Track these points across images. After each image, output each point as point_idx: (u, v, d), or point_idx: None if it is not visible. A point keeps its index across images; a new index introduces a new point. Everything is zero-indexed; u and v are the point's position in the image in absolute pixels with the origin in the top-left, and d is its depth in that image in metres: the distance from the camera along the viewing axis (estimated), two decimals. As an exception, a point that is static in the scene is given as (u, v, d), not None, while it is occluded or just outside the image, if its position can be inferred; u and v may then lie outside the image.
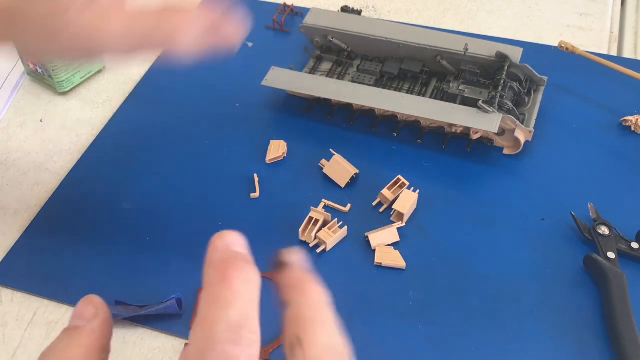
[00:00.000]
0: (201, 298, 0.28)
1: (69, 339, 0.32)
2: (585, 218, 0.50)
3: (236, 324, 0.26)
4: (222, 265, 0.28)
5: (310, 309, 0.29)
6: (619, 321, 0.43)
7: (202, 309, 0.27)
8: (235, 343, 0.25)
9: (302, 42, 0.66)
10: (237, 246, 0.29)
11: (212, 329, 0.26)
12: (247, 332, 0.26)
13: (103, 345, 0.32)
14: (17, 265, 0.48)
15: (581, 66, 0.63)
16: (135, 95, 0.62)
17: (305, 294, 0.30)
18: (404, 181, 0.52)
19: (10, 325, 0.45)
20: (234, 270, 0.28)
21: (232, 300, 0.27)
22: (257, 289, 0.28)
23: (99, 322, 0.33)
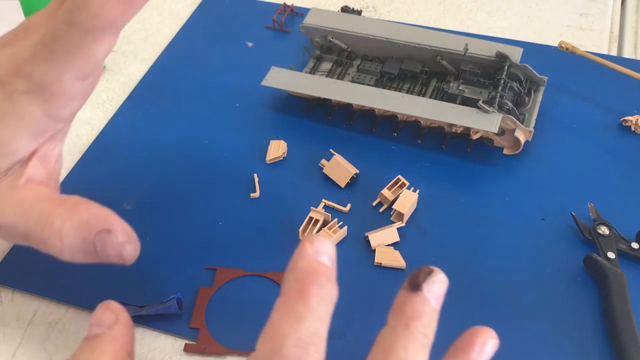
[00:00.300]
0: (276, 304, 0.28)
1: (91, 349, 0.31)
2: (585, 218, 0.50)
3: (305, 340, 0.26)
4: (305, 276, 0.28)
5: (406, 347, 0.28)
6: (619, 321, 0.43)
7: (274, 316, 0.27)
8: (300, 359, 0.26)
9: (302, 42, 0.66)
10: (324, 256, 0.29)
11: (281, 341, 0.26)
12: (314, 351, 0.26)
13: (127, 351, 0.32)
14: (17, 265, 0.48)
15: (581, 66, 0.63)
16: (135, 95, 0.62)
17: (407, 329, 0.29)
18: (404, 181, 0.52)
19: (10, 325, 0.45)
20: (313, 286, 0.27)
21: (305, 316, 0.27)
22: (332, 308, 0.28)
23: (120, 328, 0.32)
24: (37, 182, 0.36)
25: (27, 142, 0.34)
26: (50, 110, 0.34)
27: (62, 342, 0.44)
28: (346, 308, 0.46)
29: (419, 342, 0.29)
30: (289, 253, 0.49)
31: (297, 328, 0.26)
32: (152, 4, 0.73)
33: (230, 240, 0.49)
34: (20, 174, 0.35)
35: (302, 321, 0.27)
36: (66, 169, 0.56)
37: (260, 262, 0.48)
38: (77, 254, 0.35)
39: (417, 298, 0.29)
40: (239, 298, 0.46)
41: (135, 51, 0.67)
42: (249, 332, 0.44)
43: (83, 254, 0.34)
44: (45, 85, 0.33)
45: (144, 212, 0.52)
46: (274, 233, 0.50)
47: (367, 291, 0.47)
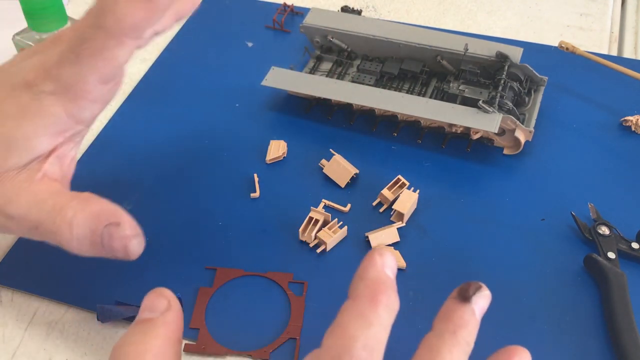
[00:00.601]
0: (345, 308, 0.30)
1: (144, 331, 0.33)
2: (585, 218, 0.50)
3: (371, 345, 0.28)
4: (375, 286, 0.30)
5: (452, 352, 0.30)
6: (619, 321, 0.43)
7: (343, 317, 0.29)
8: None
9: (302, 42, 0.66)
10: (390, 269, 0.31)
11: (350, 342, 0.28)
12: (377, 355, 0.29)
13: (178, 337, 0.33)
14: (17, 265, 0.48)
15: (581, 66, 0.63)
16: (135, 95, 0.62)
17: (455, 335, 0.31)
18: (404, 181, 0.52)
19: (10, 325, 0.45)
20: (382, 295, 0.30)
21: (374, 323, 0.29)
22: (394, 319, 0.31)
23: (172, 314, 0.34)
24: (52, 179, 0.38)
25: (47, 140, 0.37)
26: (73, 111, 0.36)
27: (62, 342, 0.44)
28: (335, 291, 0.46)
29: (462, 348, 0.31)
30: (289, 253, 0.49)
31: (366, 332, 0.28)
32: (152, 4, 0.73)
33: (230, 240, 0.49)
34: (37, 169, 0.37)
35: (371, 326, 0.29)
36: (66, 169, 0.56)
37: (260, 262, 0.48)
38: (85, 245, 0.36)
39: (466, 309, 0.32)
40: (239, 298, 0.46)
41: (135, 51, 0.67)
42: (249, 332, 0.44)
43: (90, 245, 0.36)
44: (70, 87, 0.35)
45: (144, 212, 0.52)
46: (274, 233, 0.50)
47: (367, 291, 0.47)
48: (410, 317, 0.45)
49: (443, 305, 0.33)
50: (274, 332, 0.43)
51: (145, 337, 0.32)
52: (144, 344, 0.32)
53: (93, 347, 0.44)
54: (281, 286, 0.46)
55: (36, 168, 0.37)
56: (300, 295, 0.45)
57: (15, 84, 0.36)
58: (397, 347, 0.44)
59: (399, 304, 0.31)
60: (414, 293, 0.46)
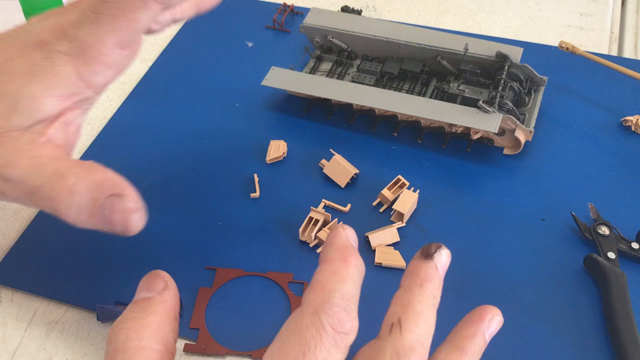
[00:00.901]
0: (320, 270, 0.32)
1: (141, 309, 0.34)
2: (585, 218, 0.50)
3: (348, 296, 0.31)
4: (344, 250, 0.33)
5: (421, 303, 0.33)
6: (619, 321, 0.43)
7: (320, 276, 0.32)
8: (346, 311, 0.30)
9: (302, 42, 0.66)
10: (353, 240, 0.35)
11: (330, 293, 0.30)
12: (353, 307, 0.31)
13: (175, 315, 0.34)
14: (17, 265, 0.48)
15: (581, 66, 0.63)
16: (135, 95, 0.62)
17: (422, 288, 0.33)
18: (404, 181, 0.52)
19: (10, 325, 0.45)
20: (352, 257, 0.33)
21: (347, 279, 0.32)
22: (362, 280, 0.33)
23: (170, 293, 0.35)
24: (55, 145, 0.37)
25: (55, 102, 0.35)
26: (85, 73, 0.35)
27: (62, 342, 0.44)
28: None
29: (430, 301, 0.33)
30: (289, 253, 0.49)
31: (342, 286, 0.31)
32: (152, 4, 0.73)
33: (230, 240, 0.49)
34: (41, 133, 0.36)
35: (345, 282, 0.31)
36: (66, 169, 0.55)
37: (260, 262, 0.48)
38: (83, 215, 0.35)
39: (429, 265, 0.34)
40: (239, 298, 0.46)
41: (135, 51, 0.67)
42: (249, 332, 0.44)
43: (89, 216, 0.35)
44: (86, 48, 0.34)
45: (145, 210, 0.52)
46: (274, 233, 0.50)
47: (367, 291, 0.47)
48: (410, 317, 0.45)
49: (408, 265, 0.35)
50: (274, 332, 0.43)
51: (143, 314, 0.33)
52: (142, 320, 0.33)
53: (93, 347, 0.44)
54: (281, 286, 0.46)
55: (40, 131, 0.36)
56: (300, 296, 0.45)
57: (28, 42, 0.35)
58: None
59: (364, 268, 0.34)
60: (414, 293, 0.46)
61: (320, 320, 0.30)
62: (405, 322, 0.32)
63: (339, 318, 0.30)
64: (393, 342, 0.32)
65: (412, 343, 0.31)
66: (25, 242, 0.50)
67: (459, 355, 0.34)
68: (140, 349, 0.32)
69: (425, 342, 0.32)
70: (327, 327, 0.30)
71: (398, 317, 0.33)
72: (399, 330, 0.32)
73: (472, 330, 0.35)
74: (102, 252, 0.49)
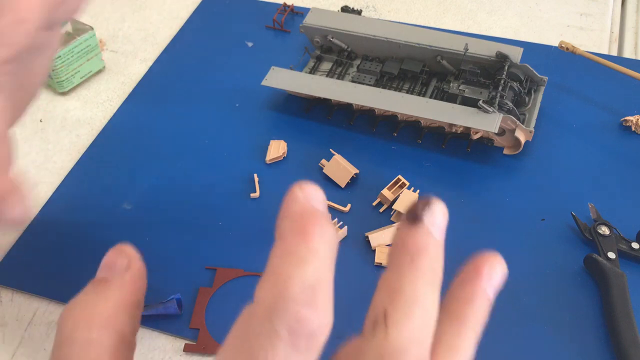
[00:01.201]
0: (272, 252, 0.25)
1: (96, 293, 0.30)
2: (585, 218, 0.50)
3: (312, 284, 0.23)
4: (302, 218, 0.25)
5: (414, 285, 0.25)
6: (619, 321, 0.43)
7: (273, 262, 0.24)
8: (310, 305, 0.23)
9: (302, 42, 0.66)
10: (317, 202, 0.25)
11: (285, 286, 0.23)
12: (323, 296, 0.23)
13: (135, 301, 0.30)
14: (17, 265, 0.48)
15: (581, 66, 0.62)
16: (135, 95, 0.62)
17: (413, 264, 0.25)
18: (404, 181, 0.52)
19: (10, 325, 0.45)
20: (313, 226, 0.24)
21: (309, 258, 0.23)
22: (335, 251, 0.25)
23: (131, 274, 0.30)
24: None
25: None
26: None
27: (62, 342, 0.44)
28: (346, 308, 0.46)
29: (428, 278, 0.25)
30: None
31: (301, 272, 0.23)
32: (151, 4, 0.73)
33: (230, 240, 0.49)
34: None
35: (307, 263, 0.23)
36: (66, 168, 0.56)
37: (260, 262, 0.48)
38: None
39: (419, 230, 0.25)
40: (239, 298, 0.46)
41: (135, 51, 0.67)
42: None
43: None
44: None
45: (144, 212, 0.52)
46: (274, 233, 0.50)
47: (367, 291, 0.47)
48: (410, 317, 0.45)
49: (394, 236, 0.26)
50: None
51: (96, 300, 0.29)
52: (93, 307, 0.29)
53: (93, 347, 0.44)
54: None
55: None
56: None
57: None
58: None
59: (337, 237, 0.26)
60: (414, 293, 0.46)
61: (273, 327, 0.22)
62: (393, 315, 0.24)
63: (298, 318, 0.22)
64: (376, 345, 0.24)
65: (403, 343, 0.23)
66: (25, 242, 0.50)
67: (458, 328, 0.26)
68: (87, 341, 0.27)
69: (423, 338, 0.24)
70: (282, 334, 0.22)
71: (383, 308, 0.24)
72: (384, 328, 0.24)
73: (470, 290, 0.28)
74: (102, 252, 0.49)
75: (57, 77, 0.61)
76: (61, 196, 0.53)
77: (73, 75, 0.62)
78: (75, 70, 0.62)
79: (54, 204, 0.53)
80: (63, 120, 0.60)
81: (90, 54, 0.62)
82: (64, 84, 0.61)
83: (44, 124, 0.60)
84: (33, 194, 0.32)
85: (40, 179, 0.55)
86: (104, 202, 0.53)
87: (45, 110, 0.61)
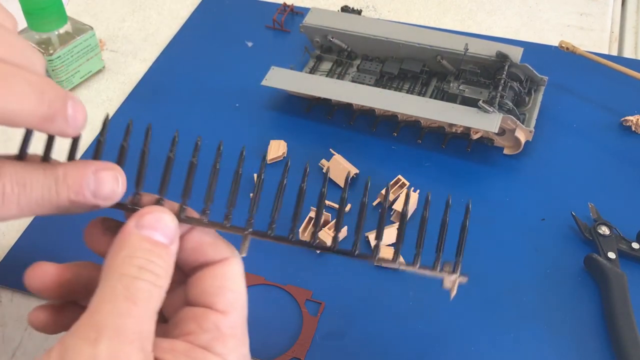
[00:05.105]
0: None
1: (158, 254, 0.31)
2: (585, 218, 0.50)
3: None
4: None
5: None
6: (619, 321, 0.43)
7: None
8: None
9: (302, 42, 0.66)
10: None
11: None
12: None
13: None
14: (17, 265, 0.48)
15: (582, 66, 0.62)
16: (135, 95, 0.62)
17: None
18: (404, 181, 0.52)
19: (10, 326, 0.45)
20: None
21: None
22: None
23: (176, 247, 0.33)
24: None
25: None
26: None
27: (62, 342, 0.44)
28: (346, 308, 0.46)
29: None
30: (289, 253, 0.49)
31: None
32: (152, 4, 0.73)
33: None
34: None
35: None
36: (66, 169, 0.55)
37: (260, 262, 0.48)
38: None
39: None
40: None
41: (135, 51, 0.67)
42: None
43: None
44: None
45: (144, 212, 0.52)
46: (274, 233, 0.50)
47: (367, 291, 0.47)
48: (410, 317, 0.45)
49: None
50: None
51: (159, 259, 0.30)
52: (154, 265, 0.29)
53: (93, 347, 0.44)
54: (297, 302, 0.46)
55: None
56: (314, 316, 0.45)
57: None
58: (398, 346, 0.44)
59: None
60: (414, 293, 0.46)
61: None
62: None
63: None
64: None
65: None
66: (25, 242, 0.50)
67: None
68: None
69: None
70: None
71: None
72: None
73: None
74: (102, 252, 0.49)
75: (57, 77, 0.61)
76: (61, 196, 0.53)
77: (73, 75, 0.62)
78: (75, 70, 0.62)
79: (54, 204, 0.53)
80: (63, 120, 0.60)
81: (90, 53, 0.62)
82: (63, 84, 0.61)
83: (44, 124, 0.60)
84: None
85: (40, 179, 0.55)
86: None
87: (45, 110, 0.61)
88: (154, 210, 0.33)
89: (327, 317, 0.45)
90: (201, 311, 0.31)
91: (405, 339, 0.44)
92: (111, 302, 0.27)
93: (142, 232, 0.31)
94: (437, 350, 0.43)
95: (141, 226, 0.31)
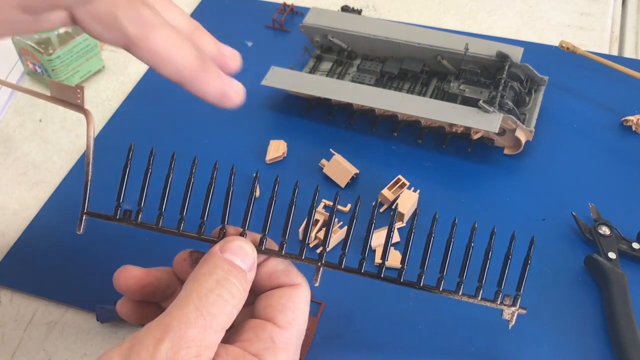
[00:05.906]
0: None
1: (236, 275, 0.34)
2: (586, 218, 0.50)
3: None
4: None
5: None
6: (619, 321, 0.43)
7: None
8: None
9: (302, 42, 0.66)
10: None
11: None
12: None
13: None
14: (17, 265, 0.48)
15: (582, 66, 0.62)
16: (135, 95, 0.62)
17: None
18: (404, 181, 0.52)
19: (10, 326, 0.45)
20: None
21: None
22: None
23: (253, 274, 0.36)
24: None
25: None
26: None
27: (62, 343, 0.44)
28: (346, 308, 0.46)
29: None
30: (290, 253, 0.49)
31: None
32: (152, 4, 0.73)
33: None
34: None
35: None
36: (65, 168, 0.56)
37: (260, 262, 0.48)
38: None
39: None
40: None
41: (135, 51, 0.67)
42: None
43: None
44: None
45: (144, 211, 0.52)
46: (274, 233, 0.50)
47: (367, 291, 0.47)
48: (410, 317, 0.45)
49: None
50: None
51: (239, 284, 0.33)
52: (234, 288, 0.33)
53: (92, 347, 0.44)
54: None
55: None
56: (314, 316, 0.45)
57: None
58: (398, 346, 0.44)
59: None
60: (414, 293, 0.46)
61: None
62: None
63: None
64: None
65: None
66: (25, 242, 0.50)
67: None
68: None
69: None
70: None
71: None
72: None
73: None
74: (101, 252, 0.49)
75: (57, 76, 0.61)
76: (61, 196, 0.53)
77: (72, 74, 0.62)
78: (74, 70, 0.61)
79: (54, 203, 0.53)
80: (62, 120, 0.60)
81: (89, 53, 0.62)
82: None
83: (44, 124, 0.60)
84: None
85: (40, 179, 0.55)
86: (105, 202, 0.53)
87: (45, 110, 0.61)
88: (237, 239, 0.36)
89: (327, 317, 0.45)
90: (261, 323, 0.34)
91: (405, 339, 0.44)
92: (182, 309, 0.31)
93: (225, 254, 0.34)
94: (437, 350, 0.43)
95: (224, 250, 0.35)
